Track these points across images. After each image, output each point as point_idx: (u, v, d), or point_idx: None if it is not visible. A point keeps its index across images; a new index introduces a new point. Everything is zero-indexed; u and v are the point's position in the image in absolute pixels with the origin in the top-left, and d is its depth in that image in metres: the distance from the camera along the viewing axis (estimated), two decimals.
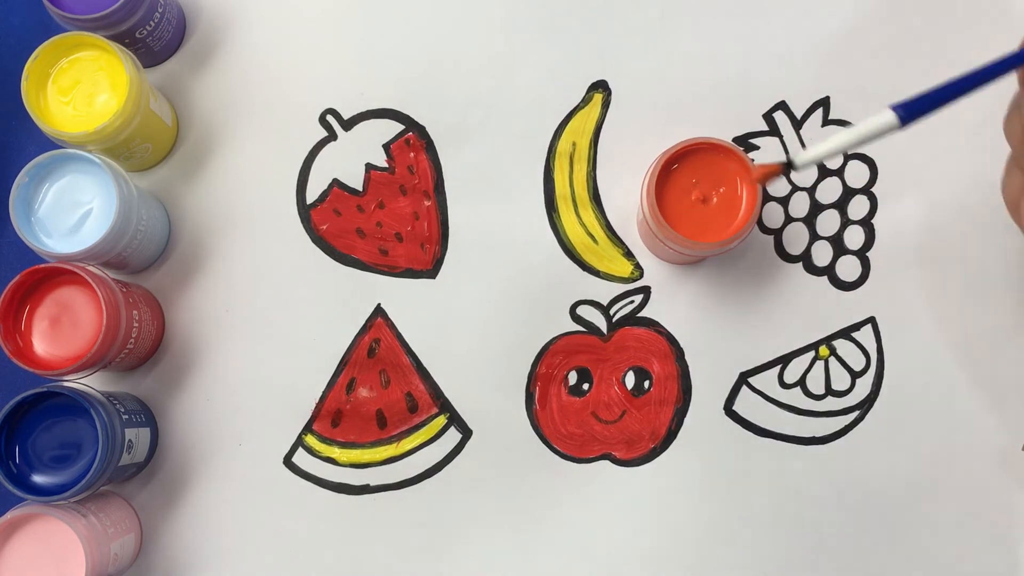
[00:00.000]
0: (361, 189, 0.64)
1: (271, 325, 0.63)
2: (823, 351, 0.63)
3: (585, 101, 0.65)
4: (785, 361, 0.63)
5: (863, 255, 0.63)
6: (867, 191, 0.63)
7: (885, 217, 0.63)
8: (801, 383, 0.63)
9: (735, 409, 0.62)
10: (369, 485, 0.62)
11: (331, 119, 0.65)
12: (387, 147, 0.65)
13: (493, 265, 0.63)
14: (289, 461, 0.63)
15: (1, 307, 0.55)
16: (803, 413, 0.62)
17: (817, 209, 0.64)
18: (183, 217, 0.64)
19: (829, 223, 0.63)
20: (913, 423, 0.62)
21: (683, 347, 0.63)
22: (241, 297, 0.64)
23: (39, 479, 0.56)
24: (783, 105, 0.64)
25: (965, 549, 0.61)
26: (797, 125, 0.64)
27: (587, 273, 0.64)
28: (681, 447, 0.62)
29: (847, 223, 0.63)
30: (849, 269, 0.63)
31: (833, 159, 0.63)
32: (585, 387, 0.63)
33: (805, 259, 0.63)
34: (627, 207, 0.64)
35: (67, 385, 0.56)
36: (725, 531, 0.61)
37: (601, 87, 0.65)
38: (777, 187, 0.64)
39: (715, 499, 0.62)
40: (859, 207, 0.63)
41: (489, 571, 0.62)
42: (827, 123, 0.64)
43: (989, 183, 0.63)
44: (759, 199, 0.56)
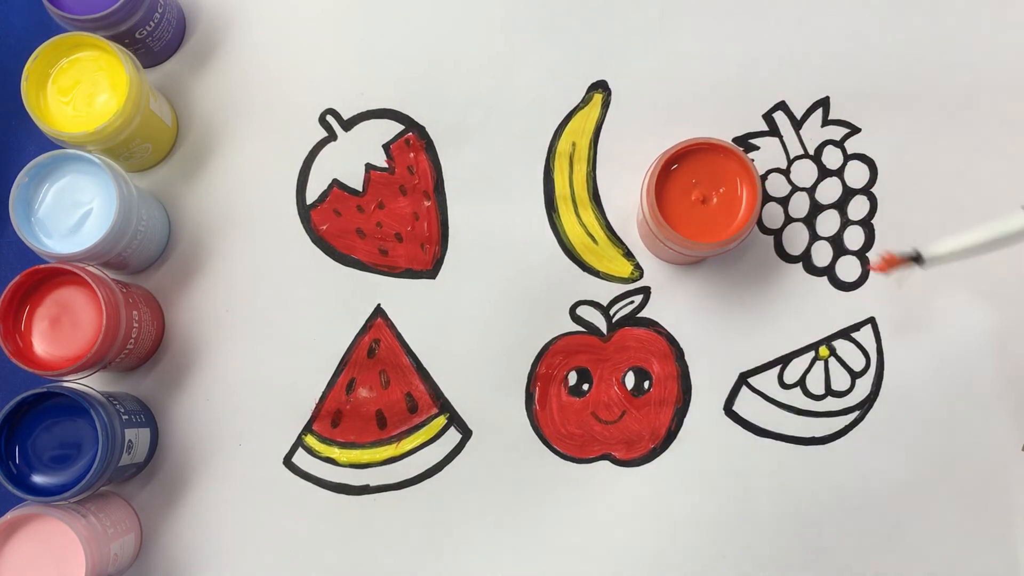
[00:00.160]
0: (361, 189, 0.64)
1: (271, 325, 0.63)
2: (823, 351, 0.63)
3: (585, 101, 0.65)
4: (785, 361, 0.63)
5: (863, 255, 0.63)
6: (867, 191, 0.63)
7: (885, 217, 0.63)
8: (801, 383, 0.62)
9: (735, 409, 0.62)
10: (369, 485, 0.62)
11: (331, 119, 0.65)
12: (387, 147, 0.65)
13: (493, 265, 0.63)
14: (289, 461, 0.63)
15: (1, 307, 0.55)
16: (803, 413, 0.62)
17: (817, 209, 0.63)
18: (183, 217, 0.64)
19: (829, 223, 0.63)
20: (913, 423, 0.62)
21: (683, 347, 0.63)
22: (241, 297, 0.64)
23: (39, 479, 0.56)
24: (783, 105, 0.64)
25: (965, 549, 0.61)
26: (797, 125, 0.64)
27: (587, 273, 0.63)
28: (681, 447, 0.62)
29: (847, 223, 0.63)
30: (849, 269, 0.63)
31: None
32: (585, 387, 0.63)
33: (805, 259, 0.63)
34: (627, 207, 0.64)
35: (67, 385, 0.56)
36: (725, 531, 0.61)
37: (601, 87, 0.65)
38: (777, 187, 0.64)
39: (715, 499, 0.62)
40: (859, 207, 0.63)
41: (489, 571, 0.62)
42: (827, 123, 0.64)
43: (989, 183, 0.63)
44: (759, 199, 0.56)
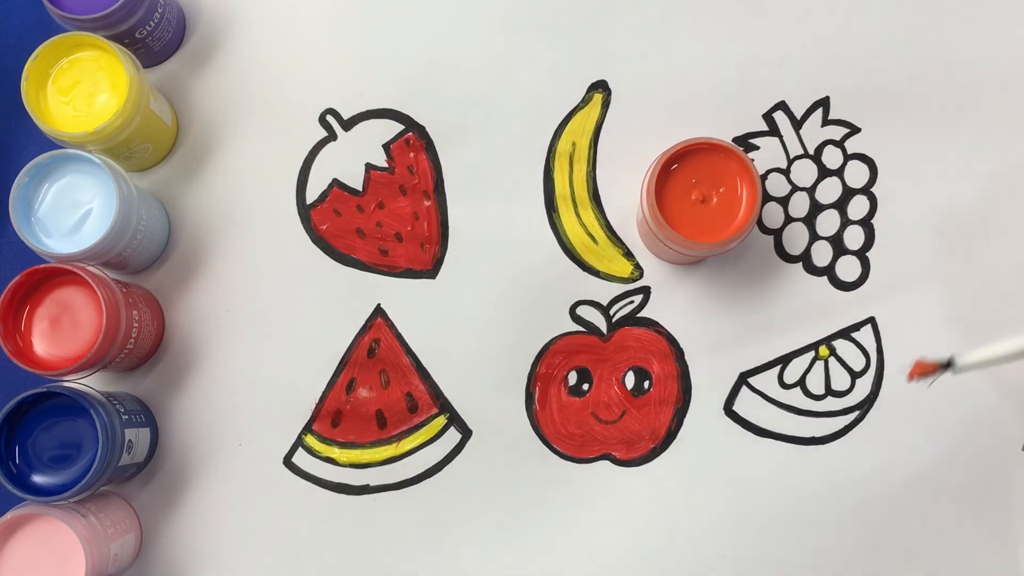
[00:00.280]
0: (361, 189, 0.64)
1: (271, 325, 0.63)
2: (823, 351, 0.63)
3: (585, 101, 0.65)
4: (785, 361, 0.63)
5: (863, 255, 0.63)
6: (867, 191, 0.63)
7: (885, 217, 0.63)
8: (801, 383, 0.62)
9: (735, 409, 0.62)
10: (369, 485, 0.62)
11: (331, 119, 0.65)
12: (387, 147, 0.65)
13: (493, 265, 0.63)
14: (289, 461, 0.63)
15: (1, 307, 0.55)
16: (803, 413, 0.62)
17: (817, 209, 0.63)
18: (183, 217, 0.64)
19: (829, 223, 0.63)
20: (913, 423, 0.62)
21: (683, 347, 0.63)
22: (241, 297, 0.64)
23: (39, 479, 0.56)
24: (783, 105, 0.64)
25: (965, 549, 0.61)
26: (797, 125, 0.64)
27: (587, 273, 0.63)
28: (681, 447, 0.62)
29: (847, 223, 0.63)
30: (849, 269, 0.63)
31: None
32: (585, 387, 0.63)
33: (805, 259, 0.63)
34: (627, 207, 0.64)
35: (67, 385, 0.56)
36: (725, 531, 0.61)
37: (601, 87, 0.65)
38: (777, 187, 0.64)
39: (715, 499, 0.62)
40: (859, 207, 0.63)
41: (489, 571, 0.61)
42: (827, 123, 0.64)
43: (989, 183, 0.63)
44: (759, 199, 0.56)
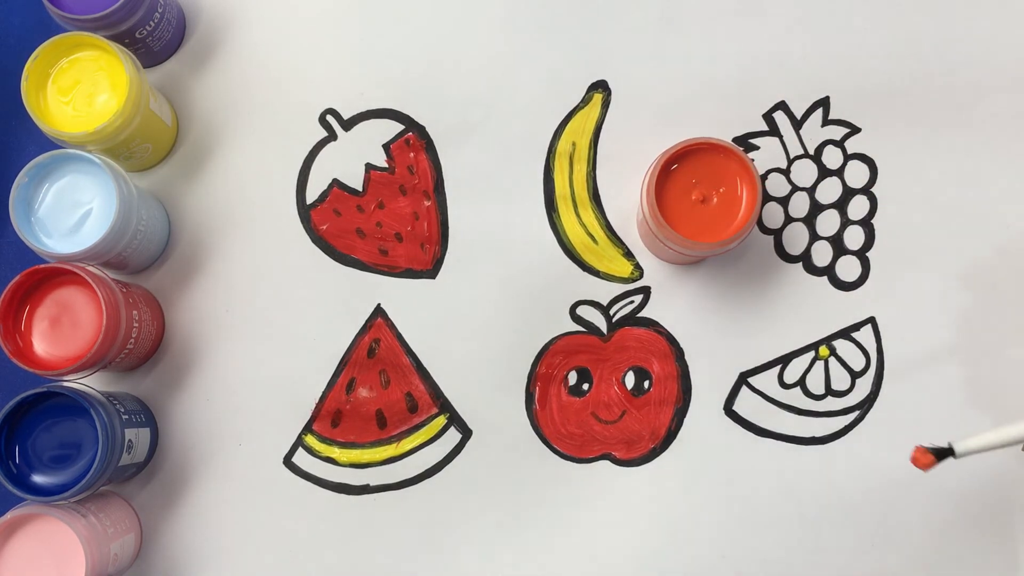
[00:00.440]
0: (361, 189, 0.64)
1: (271, 325, 0.63)
2: (823, 351, 0.63)
3: (585, 101, 0.65)
4: (785, 361, 0.63)
5: (863, 255, 0.63)
6: (867, 191, 0.63)
7: (885, 217, 0.63)
8: (801, 383, 0.62)
9: (735, 409, 0.62)
10: (369, 485, 0.62)
11: (331, 119, 0.65)
12: (387, 147, 0.65)
13: (493, 265, 0.63)
14: (289, 461, 0.63)
15: (1, 307, 0.55)
16: (803, 413, 0.62)
17: (817, 209, 0.63)
18: (183, 217, 0.64)
19: (829, 223, 0.63)
20: (913, 423, 0.62)
21: (683, 347, 0.63)
22: (241, 297, 0.64)
23: (39, 479, 0.56)
24: (783, 105, 0.64)
25: (965, 549, 0.61)
26: (797, 125, 0.64)
27: (587, 273, 0.63)
28: (681, 447, 0.62)
29: (847, 223, 0.63)
30: (849, 269, 0.63)
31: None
32: (585, 387, 0.63)
33: (805, 259, 0.63)
34: (627, 207, 0.64)
35: (67, 385, 0.56)
36: (725, 531, 0.61)
37: (601, 87, 0.65)
38: (777, 187, 0.64)
39: (715, 499, 0.62)
40: (859, 207, 0.63)
41: (489, 571, 0.61)
42: (827, 123, 0.64)
43: (989, 183, 0.63)
44: (759, 199, 0.56)
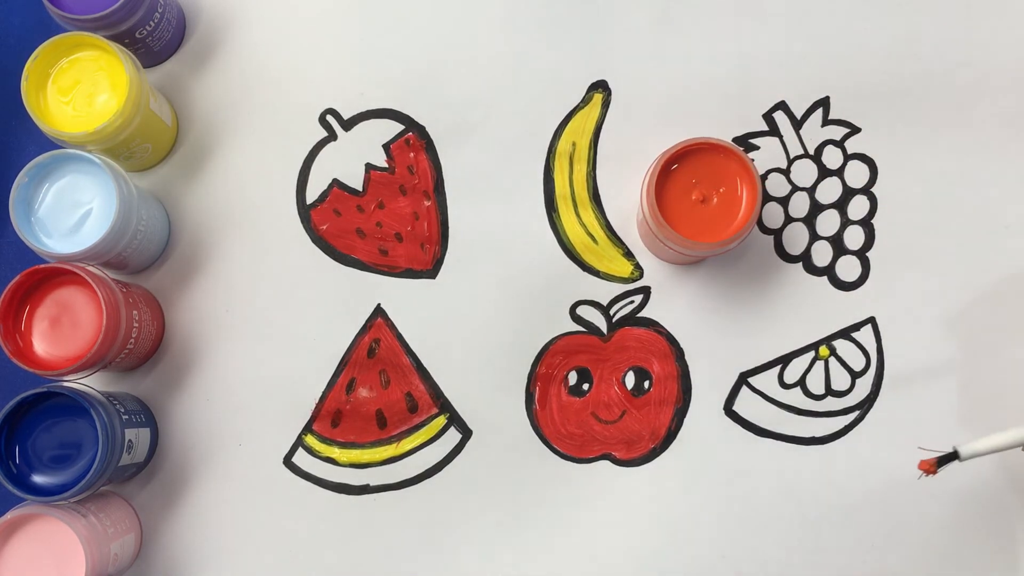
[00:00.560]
0: (361, 189, 0.64)
1: (271, 325, 0.63)
2: (823, 351, 0.63)
3: (585, 101, 0.65)
4: (785, 361, 0.63)
5: (863, 255, 0.63)
6: (867, 191, 0.63)
7: (885, 217, 0.63)
8: (801, 383, 0.62)
9: (735, 409, 0.62)
10: (369, 485, 0.62)
11: (331, 119, 0.65)
12: (387, 147, 0.65)
13: (493, 265, 0.63)
14: (289, 461, 0.63)
15: (1, 307, 0.55)
16: (803, 413, 0.62)
17: (817, 209, 0.63)
18: (183, 217, 0.64)
19: (829, 223, 0.63)
20: (913, 423, 0.62)
21: (683, 347, 0.63)
22: (241, 297, 0.64)
23: (39, 479, 0.56)
24: (783, 105, 0.64)
25: (965, 549, 0.61)
26: (797, 125, 0.64)
27: (587, 273, 0.63)
28: (681, 447, 0.62)
29: (847, 223, 0.63)
30: (849, 269, 0.63)
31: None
32: (585, 387, 0.63)
33: (805, 259, 0.63)
34: (627, 207, 0.64)
35: (67, 385, 0.56)
36: (725, 531, 0.61)
37: (601, 87, 0.65)
38: (777, 187, 0.64)
39: (715, 499, 0.62)
40: (859, 207, 0.63)
41: (489, 571, 0.61)
42: (827, 123, 0.64)
43: (989, 183, 0.63)
44: (759, 199, 0.56)
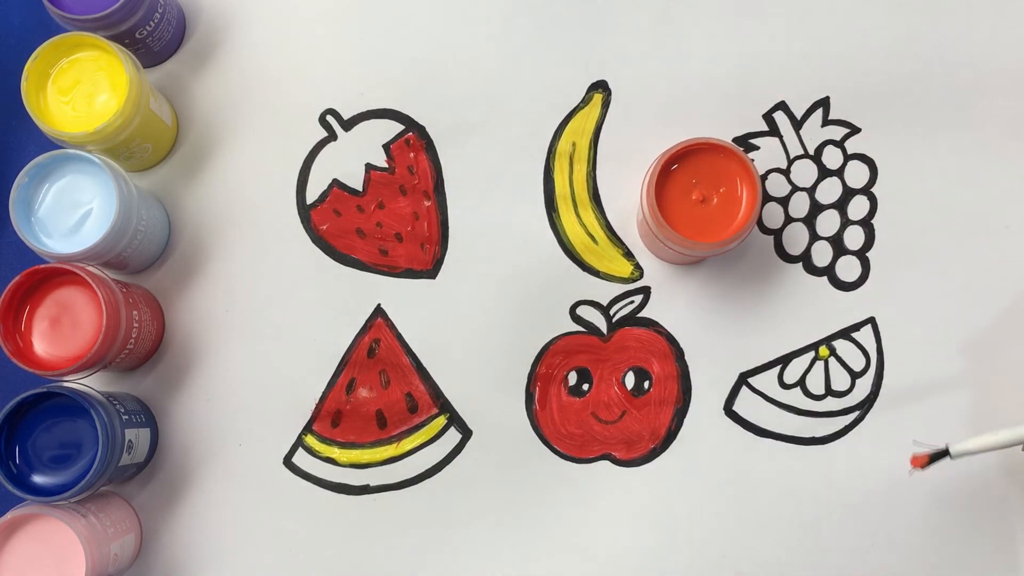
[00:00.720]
0: (361, 189, 0.64)
1: (271, 325, 0.63)
2: (823, 351, 0.63)
3: (585, 101, 0.65)
4: (785, 361, 0.63)
5: (863, 255, 0.63)
6: (867, 191, 0.63)
7: (885, 217, 0.63)
8: (801, 383, 0.62)
9: (735, 409, 0.62)
10: (369, 485, 0.62)
11: (331, 119, 0.65)
12: (387, 147, 0.65)
13: (493, 265, 0.63)
14: (289, 461, 0.63)
15: (1, 307, 0.55)
16: (803, 413, 0.62)
17: (817, 209, 0.63)
18: (183, 217, 0.64)
19: (829, 223, 0.63)
20: (913, 423, 0.62)
21: (683, 347, 0.63)
22: (241, 297, 0.64)
23: (39, 479, 0.56)
24: (783, 105, 0.64)
25: (964, 549, 0.61)
26: (797, 125, 0.64)
27: (587, 273, 0.63)
28: (681, 447, 0.62)
29: (847, 223, 0.63)
30: (849, 269, 0.63)
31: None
32: (585, 387, 0.63)
33: (805, 259, 0.63)
34: (627, 207, 0.64)
35: (67, 385, 0.56)
36: (725, 531, 0.61)
37: (601, 87, 0.65)
38: (777, 187, 0.64)
39: (715, 499, 0.62)
40: (859, 207, 0.63)
41: (489, 571, 0.61)
42: (827, 123, 0.64)
43: (989, 183, 0.63)
44: (759, 199, 0.56)
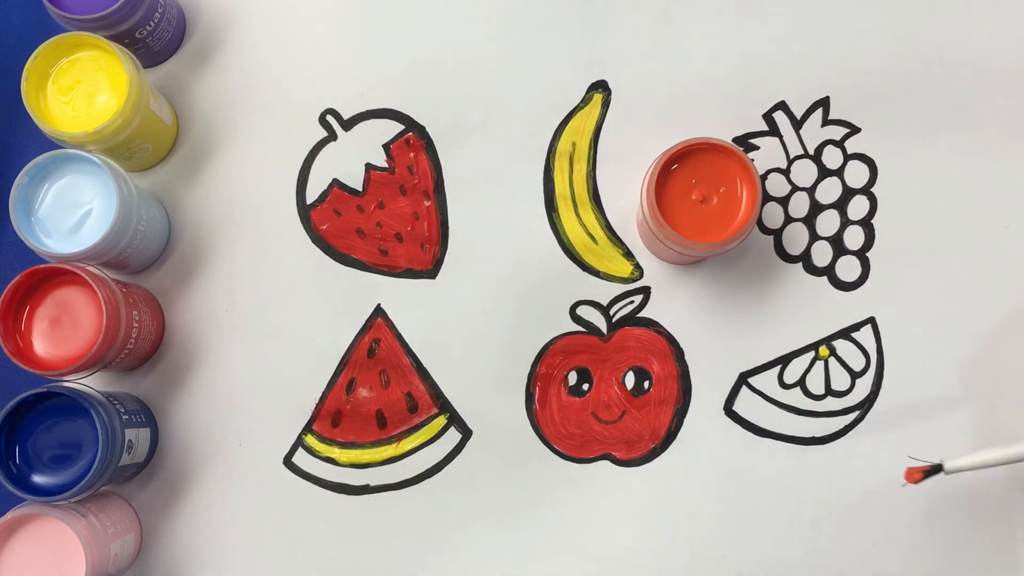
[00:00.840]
0: (361, 189, 0.64)
1: (271, 325, 0.63)
2: (823, 351, 0.63)
3: (585, 101, 0.65)
4: (785, 361, 0.63)
5: (863, 255, 0.63)
6: (867, 191, 0.63)
7: (885, 217, 0.63)
8: (801, 383, 0.62)
9: (735, 409, 0.62)
10: (369, 485, 0.62)
11: (331, 119, 0.65)
12: (387, 147, 0.65)
13: (493, 265, 0.63)
14: (289, 461, 0.63)
15: (1, 307, 0.55)
16: (803, 413, 0.62)
17: (817, 209, 0.63)
18: (183, 217, 0.64)
19: (829, 223, 0.63)
20: (913, 423, 0.62)
21: (683, 347, 0.63)
22: (241, 297, 0.64)
23: (39, 479, 0.56)
24: (783, 105, 0.64)
25: (965, 549, 0.61)
26: (797, 125, 0.64)
27: (587, 273, 0.63)
28: (681, 447, 0.62)
29: (847, 223, 0.63)
30: (849, 269, 0.63)
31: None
32: (585, 387, 0.63)
33: (805, 259, 0.63)
34: (627, 207, 0.64)
35: (67, 385, 0.56)
36: (725, 531, 0.61)
37: (601, 87, 0.65)
38: (777, 187, 0.64)
39: (715, 499, 0.62)
40: (859, 207, 0.63)
41: (489, 571, 0.61)
42: (827, 123, 0.64)
43: (989, 183, 0.63)
44: (759, 199, 0.56)
